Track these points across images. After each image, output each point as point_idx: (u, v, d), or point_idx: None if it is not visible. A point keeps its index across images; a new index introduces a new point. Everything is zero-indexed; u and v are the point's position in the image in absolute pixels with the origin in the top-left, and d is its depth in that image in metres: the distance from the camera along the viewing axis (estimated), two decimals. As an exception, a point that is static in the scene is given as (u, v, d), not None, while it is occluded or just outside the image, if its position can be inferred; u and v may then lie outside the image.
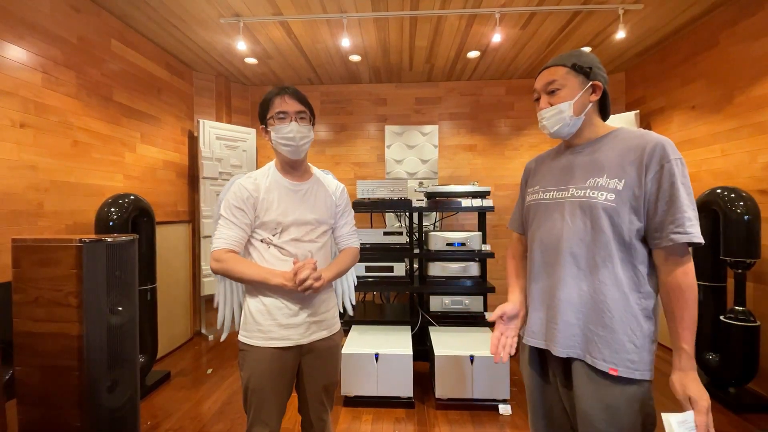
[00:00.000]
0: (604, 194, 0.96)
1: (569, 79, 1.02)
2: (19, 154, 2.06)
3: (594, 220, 0.97)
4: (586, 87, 1.02)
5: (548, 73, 1.05)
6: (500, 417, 2.22)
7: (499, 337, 1.12)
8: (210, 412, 2.30)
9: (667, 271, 0.92)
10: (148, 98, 3.11)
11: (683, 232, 0.89)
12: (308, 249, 1.27)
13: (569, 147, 1.10)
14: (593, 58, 1.04)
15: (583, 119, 1.04)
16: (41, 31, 2.18)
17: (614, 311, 0.94)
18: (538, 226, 1.10)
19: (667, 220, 0.91)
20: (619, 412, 0.92)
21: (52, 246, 1.59)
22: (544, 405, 1.11)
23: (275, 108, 1.23)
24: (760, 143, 2.44)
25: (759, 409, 2.23)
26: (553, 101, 1.04)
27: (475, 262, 2.76)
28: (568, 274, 1.00)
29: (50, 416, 1.59)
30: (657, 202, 0.92)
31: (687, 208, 0.90)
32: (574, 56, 1.03)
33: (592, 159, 1.02)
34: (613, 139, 1.02)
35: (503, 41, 3.17)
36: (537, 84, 1.08)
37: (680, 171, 0.91)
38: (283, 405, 1.27)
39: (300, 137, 1.23)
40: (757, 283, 2.45)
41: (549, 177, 1.12)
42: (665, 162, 0.91)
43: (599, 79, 1.02)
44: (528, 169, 1.25)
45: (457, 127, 4.15)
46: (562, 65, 1.03)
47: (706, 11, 2.74)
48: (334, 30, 2.96)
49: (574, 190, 1.03)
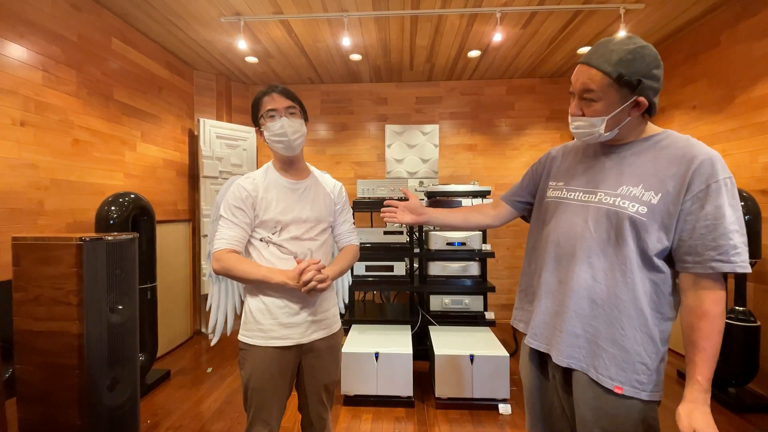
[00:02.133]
0: (636, 206, 0.88)
1: (609, 94, 0.87)
2: (20, 152, 2.06)
3: (619, 231, 0.89)
4: (627, 102, 0.87)
5: (587, 75, 0.88)
6: (500, 416, 2.22)
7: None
8: (210, 411, 2.30)
9: (695, 296, 0.84)
10: (149, 97, 3.11)
11: (726, 261, 0.81)
12: (308, 247, 1.27)
13: (605, 145, 0.98)
14: (650, 63, 0.85)
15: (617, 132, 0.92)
16: (42, 30, 2.18)
17: (628, 330, 0.89)
18: (556, 225, 1.02)
19: (708, 246, 0.82)
20: (618, 419, 0.89)
21: (52, 244, 1.59)
22: (543, 406, 1.08)
23: (265, 107, 1.23)
24: (761, 143, 2.43)
25: (759, 410, 2.23)
26: (586, 111, 0.91)
27: (475, 262, 2.76)
28: (581, 284, 0.93)
29: (50, 414, 1.59)
30: (696, 223, 0.83)
31: (734, 235, 0.81)
32: (624, 62, 0.84)
33: (628, 164, 0.92)
34: (655, 144, 0.91)
35: (504, 41, 3.17)
36: (574, 80, 0.93)
37: (729, 192, 0.82)
38: (283, 404, 1.27)
39: (292, 132, 1.22)
40: (758, 283, 2.45)
41: (577, 175, 1.02)
42: (712, 182, 0.82)
43: (646, 93, 0.86)
44: (551, 156, 1.14)
45: (457, 127, 4.14)
46: (606, 73, 0.85)
47: (708, 11, 2.74)
48: (334, 29, 2.96)
49: (602, 195, 0.94)
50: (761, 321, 2.31)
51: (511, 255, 4.09)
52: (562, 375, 1.01)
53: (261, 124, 1.26)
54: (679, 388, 2.52)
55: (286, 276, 1.16)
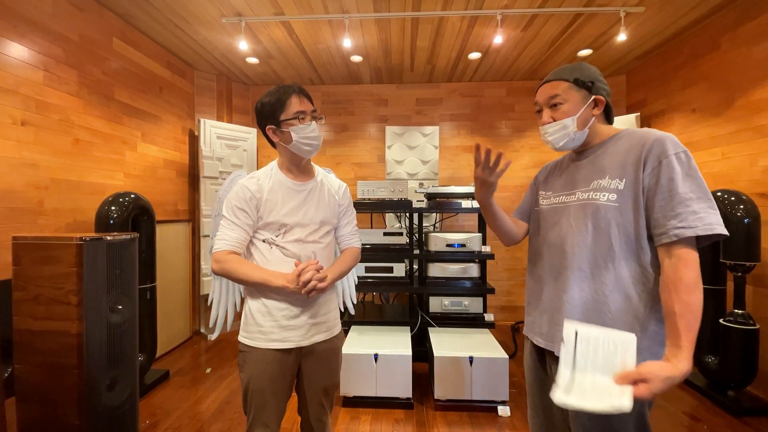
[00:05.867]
0: (606, 195, 0.97)
1: (571, 94, 1.02)
2: (20, 151, 2.06)
3: (596, 221, 0.98)
4: (588, 102, 1.02)
5: (550, 87, 1.05)
6: (499, 418, 2.22)
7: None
8: (209, 412, 2.30)
9: (669, 265, 0.88)
10: (150, 97, 3.11)
11: (687, 227, 0.86)
12: (312, 249, 1.26)
13: (577, 153, 1.12)
14: (594, 71, 1.04)
15: (587, 131, 1.05)
16: (43, 29, 2.19)
17: (615, 313, 0.94)
18: (547, 230, 1.12)
19: (669, 216, 0.88)
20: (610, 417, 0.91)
21: (52, 244, 1.59)
22: (543, 401, 1.12)
23: (293, 108, 1.21)
24: (761, 147, 2.44)
25: (758, 413, 2.22)
26: (556, 116, 1.04)
27: (474, 264, 2.76)
28: (572, 277, 1.00)
29: (49, 414, 1.59)
30: (655, 197, 0.91)
31: (691, 202, 0.87)
32: (576, 70, 1.03)
33: (596, 162, 1.04)
34: (617, 140, 1.02)
35: (504, 43, 3.18)
36: (538, 97, 1.08)
37: (684, 164, 0.89)
38: (283, 406, 1.27)
39: (320, 137, 1.26)
40: (757, 286, 2.45)
41: (558, 182, 1.14)
42: (663, 158, 0.90)
43: (601, 93, 1.03)
44: (539, 174, 1.27)
45: (457, 128, 4.15)
46: (564, 80, 1.03)
47: (708, 14, 2.75)
48: (335, 30, 2.97)
49: (579, 194, 1.04)
50: (760, 324, 2.31)
51: (510, 257, 4.09)
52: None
53: (287, 125, 1.21)
54: (677, 390, 2.52)
55: (286, 279, 1.16)
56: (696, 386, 2.52)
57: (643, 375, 0.81)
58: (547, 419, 1.13)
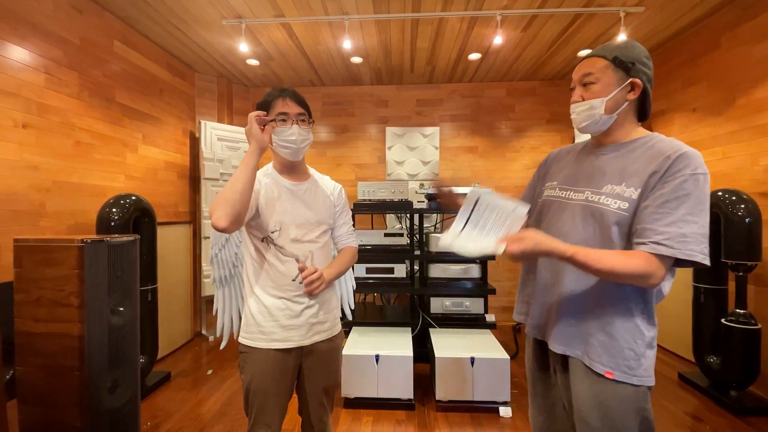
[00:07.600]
0: (618, 202, 0.92)
1: (607, 74, 0.95)
2: (21, 154, 2.07)
3: (603, 228, 0.94)
4: (624, 84, 0.94)
5: (587, 64, 0.98)
6: (501, 419, 2.21)
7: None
8: (210, 413, 2.30)
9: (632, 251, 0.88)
10: (150, 99, 3.12)
11: (668, 246, 0.83)
12: (309, 249, 1.27)
13: (596, 146, 1.04)
14: (640, 51, 0.95)
15: (615, 118, 0.97)
16: (44, 32, 2.19)
17: (615, 318, 0.93)
18: (549, 225, 1.07)
19: (658, 230, 0.85)
20: (611, 410, 0.92)
21: (53, 246, 1.59)
22: (546, 401, 1.12)
23: (276, 109, 1.22)
24: (762, 146, 2.44)
25: (760, 413, 2.22)
26: (585, 95, 0.97)
27: (475, 264, 2.75)
28: (571, 278, 0.99)
29: (51, 416, 1.59)
30: (655, 202, 0.87)
31: (684, 226, 0.83)
32: (620, 48, 0.95)
33: (614, 164, 0.97)
34: (641, 145, 0.96)
35: (504, 43, 3.18)
36: (575, 74, 1.01)
37: (698, 187, 0.85)
38: (284, 407, 1.27)
39: (301, 140, 1.24)
40: (758, 285, 2.45)
41: (569, 175, 1.07)
42: (681, 172, 0.86)
43: (641, 76, 0.94)
44: (550, 158, 1.20)
45: (458, 129, 4.15)
46: (603, 57, 0.96)
47: (708, 14, 2.75)
48: (335, 32, 2.97)
49: (589, 194, 0.98)
50: (762, 324, 2.30)
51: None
52: (561, 364, 1.05)
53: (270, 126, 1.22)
54: (679, 391, 2.52)
55: (257, 141, 1.12)
56: (698, 386, 2.51)
57: (520, 236, 0.89)
58: (549, 419, 1.12)
